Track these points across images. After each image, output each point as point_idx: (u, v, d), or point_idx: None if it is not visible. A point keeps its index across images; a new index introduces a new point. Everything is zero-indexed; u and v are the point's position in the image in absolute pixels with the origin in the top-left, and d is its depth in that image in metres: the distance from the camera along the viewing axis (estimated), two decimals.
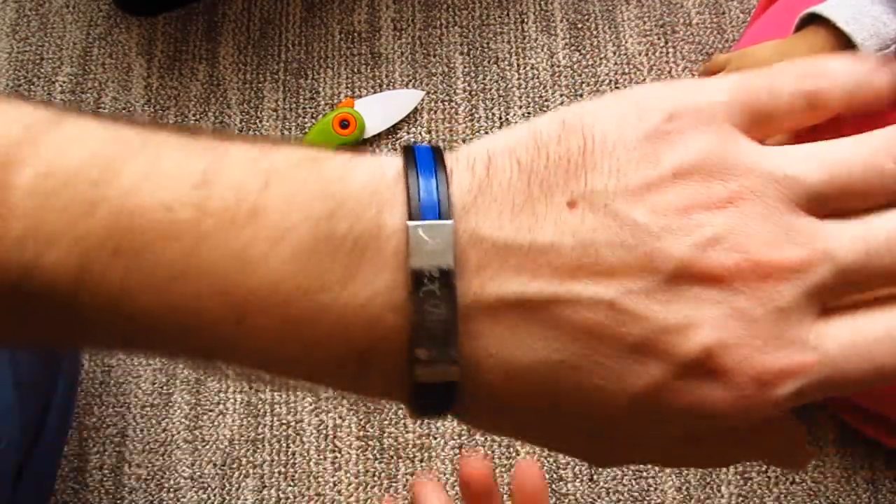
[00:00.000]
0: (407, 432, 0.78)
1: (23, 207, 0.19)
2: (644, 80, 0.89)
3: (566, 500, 0.76)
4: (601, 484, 0.76)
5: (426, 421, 0.78)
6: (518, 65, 0.90)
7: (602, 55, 0.90)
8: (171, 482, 0.78)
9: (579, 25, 0.91)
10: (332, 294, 0.20)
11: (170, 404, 0.80)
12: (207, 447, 0.79)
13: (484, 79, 0.90)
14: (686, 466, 0.23)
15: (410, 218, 0.20)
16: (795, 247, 0.20)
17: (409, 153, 0.21)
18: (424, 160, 0.21)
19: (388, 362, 0.20)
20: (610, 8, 0.92)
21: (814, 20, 0.68)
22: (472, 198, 0.20)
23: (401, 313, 0.20)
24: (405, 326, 0.20)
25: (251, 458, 0.78)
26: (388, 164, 0.21)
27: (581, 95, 0.88)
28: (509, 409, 0.21)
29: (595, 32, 0.91)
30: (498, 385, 0.20)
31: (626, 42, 0.90)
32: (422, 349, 0.20)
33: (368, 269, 0.20)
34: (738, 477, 0.76)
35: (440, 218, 0.20)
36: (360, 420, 0.79)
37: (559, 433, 0.22)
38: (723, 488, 0.75)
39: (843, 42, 0.66)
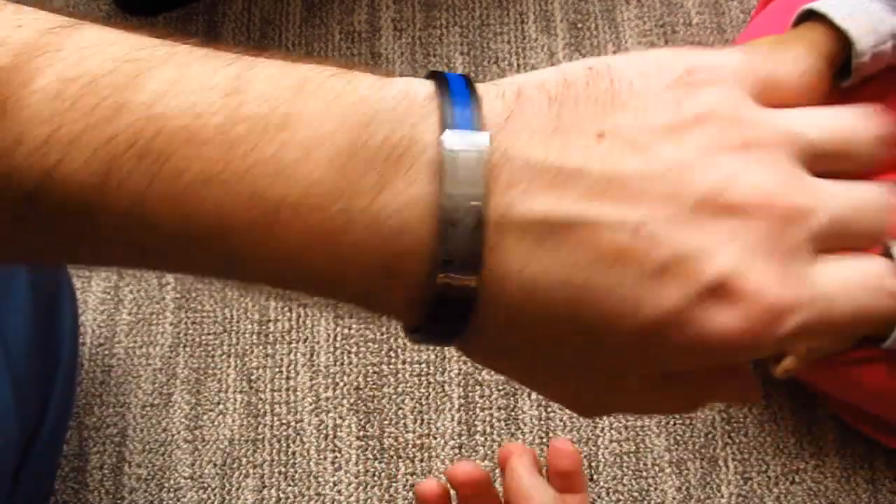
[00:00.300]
0: (407, 432, 0.78)
1: (45, 111, 0.19)
2: None
3: None
4: (601, 484, 0.76)
5: (430, 410, 0.78)
6: (518, 65, 0.90)
7: (602, 55, 0.90)
8: (171, 482, 0.78)
9: (579, 25, 0.91)
10: (366, 201, 0.20)
11: (170, 404, 0.80)
12: (207, 447, 0.79)
13: (484, 79, 0.90)
14: (654, 413, 0.24)
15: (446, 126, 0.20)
16: (802, 194, 0.21)
17: (440, 76, 0.21)
18: (456, 84, 0.21)
19: (412, 272, 0.20)
20: (610, 8, 0.92)
21: (811, 16, 0.69)
22: (503, 120, 0.20)
23: (430, 223, 0.20)
24: (433, 236, 0.20)
25: (251, 458, 0.78)
26: (420, 84, 0.21)
27: None
28: (520, 334, 0.22)
29: (595, 32, 0.91)
30: (516, 304, 0.21)
31: (626, 42, 0.90)
32: (447, 253, 0.20)
33: (402, 178, 0.20)
34: (738, 477, 0.76)
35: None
36: (360, 420, 0.79)
37: (558, 369, 0.23)
38: (723, 488, 0.75)
39: (840, 38, 0.66)
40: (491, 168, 0.20)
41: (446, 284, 0.20)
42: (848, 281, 0.22)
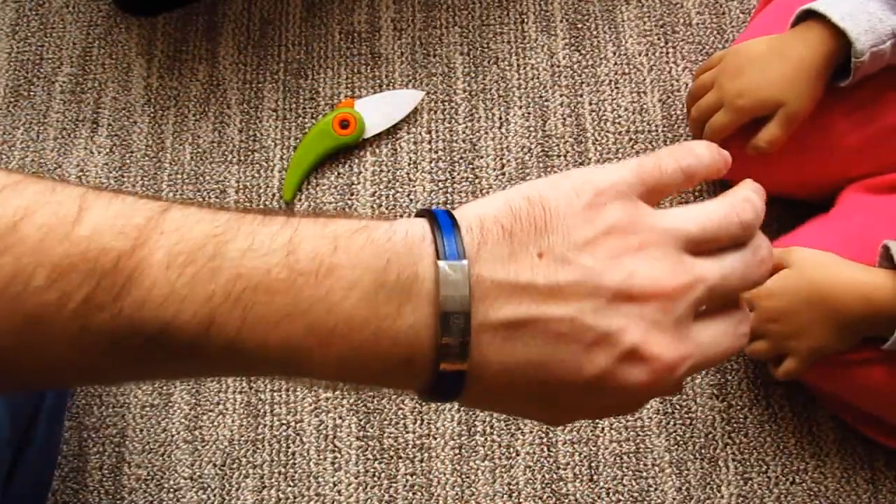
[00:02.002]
0: (407, 432, 0.78)
1: (161, 279, 0.27)
2: (644, 80, 0.89)
3: (566, 501, 0.75)
4: (601, 484, 0.76)
5: (430, 411, 0.78)
6: (518, 65, 0.90)
7: (602, 55, 0.90)
8: (171, 482, 0.78)
9: (579, 25, 0.91)
10: (388, 322, 0.28)
11: (170, 404, 0.80)
12: (207, 447, 0.79)
13: (484, 79, 0.90)
14: (600, 418, 0.36)
15: (438, 259, 0.29)
16: (684, 276, 0.30)
17: (430, 214, 0.30)
18: (443, 220, 0.30)
19: (422, 363, 0.29)
20: (610, 8, 0.92)
21: (810, 16, 0.69)
22: (475, 251, 0.29)
23: (433, 332, 0.28)
24: (435, 340, 0.28)
25: (251, 458, 0.78)
26: (418, 226, 0.30)
27: (581, 95, 0.88)
28: (500, 393, 0.30)
29: (595, 32, 0.91)
30: (495, 378, 0.29)
31: (626, 42, 0.90)
32: (446, 348, 0.28)
33: (412, 303, 0.28)
34: (738, 477, 0.76)
35: (459, 260, 0.29)
36: (360, 420, 0.79)
37: (528, 406, 0.32)
38: (723, 488, 0.75)
39: (839, 38, 0.66)
40: (470, 288, 0.28)
41: (444, 371, 0.29)
42: (716, 333, 0.32)
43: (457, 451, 0.77)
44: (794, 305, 0.65)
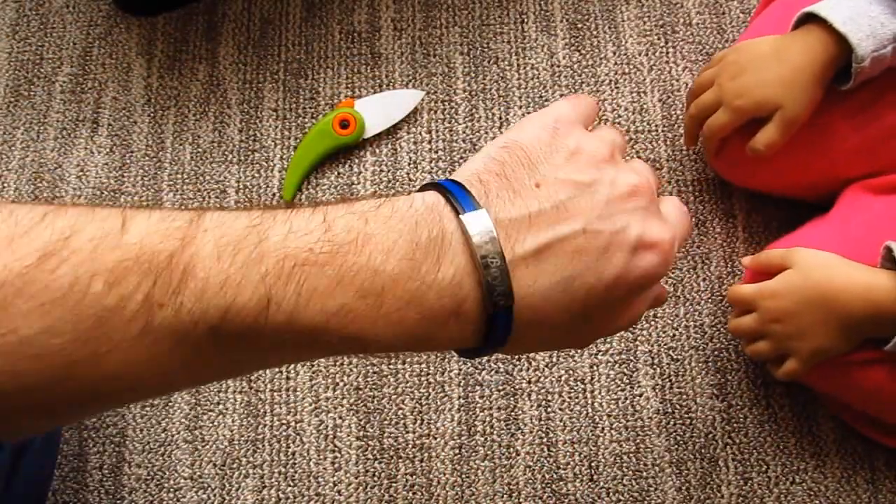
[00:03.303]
0: (407, 432, 0.78)
1: (215, 269, 0.28)
2: (644, 79, 0.89)
3: (566, 500, 0.75)
4: (601, 484, 0.76)
5: (430, 410, 0.78)
6: (518, 65, 0.90)
7: (602, 55, 0.90)
8: (171, 482, 0.78)
9: (579, 25, 0.91)
10: (431, 276, 0.31)
11: (170, 404, 0.80)
12: (207, 447, 0.79)
13: (484, 79, 0.90)
14: (621, 329, 0.38)
15: (458, 216, 0.32)
16: (644, 171, 0.36)
17: (435, 185, 0.33)
18: (449, 184, 0.33)
19: (471, 308, 0.32)
20: (610, 8, 0.92)
21: (811, 19, 0.68)
22: (486, 200, 0.33)
23: (474, 276, 0.31)
24: (478, 283, 0.31)
25: (251, 458, 0.78)
26: (430, 193, 0.33)
27: None
28: (540, 324, 0.33)
29: (595, 32, 0.91)
30: (536, 305, 0.33)
31: (626, 42, 0.90)
32: (491, 288, 0.31)
33: (448, 256, 0.31)
34: (738, 477, 0.76)
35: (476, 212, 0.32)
36: (360, 420, 0.79)
37: (566, 331, 0.35)
38: (723, 488, 0.75)
39: (839, 42, 0.66)
40: (496, 230, 0.32)
41: (495, 306, 0.32)
42: (674, 212, 0.38)
43: (457, 451, 0.77)
44: (796, 306, 0.65)
